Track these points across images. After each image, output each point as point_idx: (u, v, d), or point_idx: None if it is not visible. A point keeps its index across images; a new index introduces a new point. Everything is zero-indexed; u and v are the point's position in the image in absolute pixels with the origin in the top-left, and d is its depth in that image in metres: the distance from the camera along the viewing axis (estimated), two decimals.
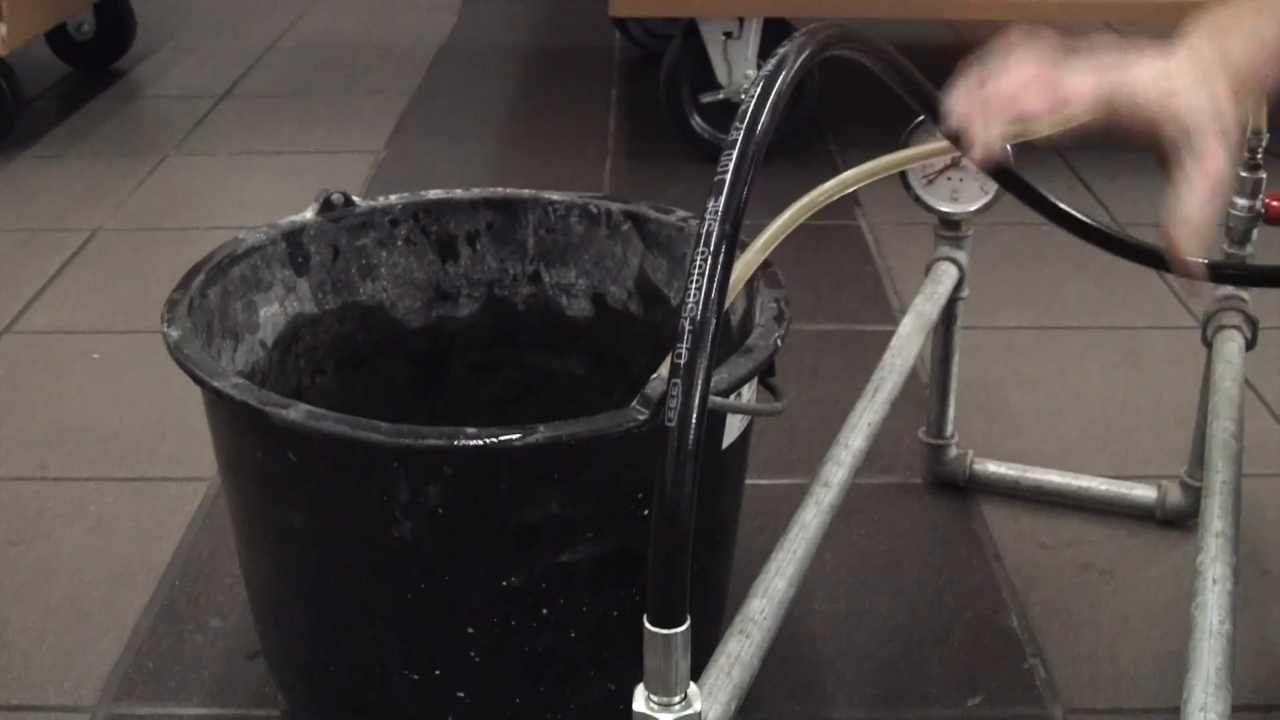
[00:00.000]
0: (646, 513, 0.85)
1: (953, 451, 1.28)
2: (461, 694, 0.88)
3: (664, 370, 0.81)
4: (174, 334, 0.90)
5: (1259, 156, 1.11)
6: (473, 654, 0.87)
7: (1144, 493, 1.24)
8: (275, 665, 1.00)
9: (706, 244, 0.61)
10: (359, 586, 0.87)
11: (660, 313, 1.09)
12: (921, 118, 1.13)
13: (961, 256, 1.19)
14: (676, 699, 0.62)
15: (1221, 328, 1.10)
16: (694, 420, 0.60)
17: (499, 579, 0.84)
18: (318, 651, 0.93)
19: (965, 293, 1.21)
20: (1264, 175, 1.12)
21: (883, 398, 0.97)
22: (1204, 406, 1.18)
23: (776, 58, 0.69)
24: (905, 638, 1.11)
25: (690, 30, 2.01)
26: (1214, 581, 0.79)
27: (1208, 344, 1.12)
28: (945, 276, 1.17)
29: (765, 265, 0.95)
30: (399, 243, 1.12)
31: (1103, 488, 1.25)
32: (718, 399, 0.81)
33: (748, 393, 0.88)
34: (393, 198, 1.12)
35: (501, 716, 0.89)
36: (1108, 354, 1.54)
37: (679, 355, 0.60)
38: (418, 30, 2.86)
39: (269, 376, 1.06)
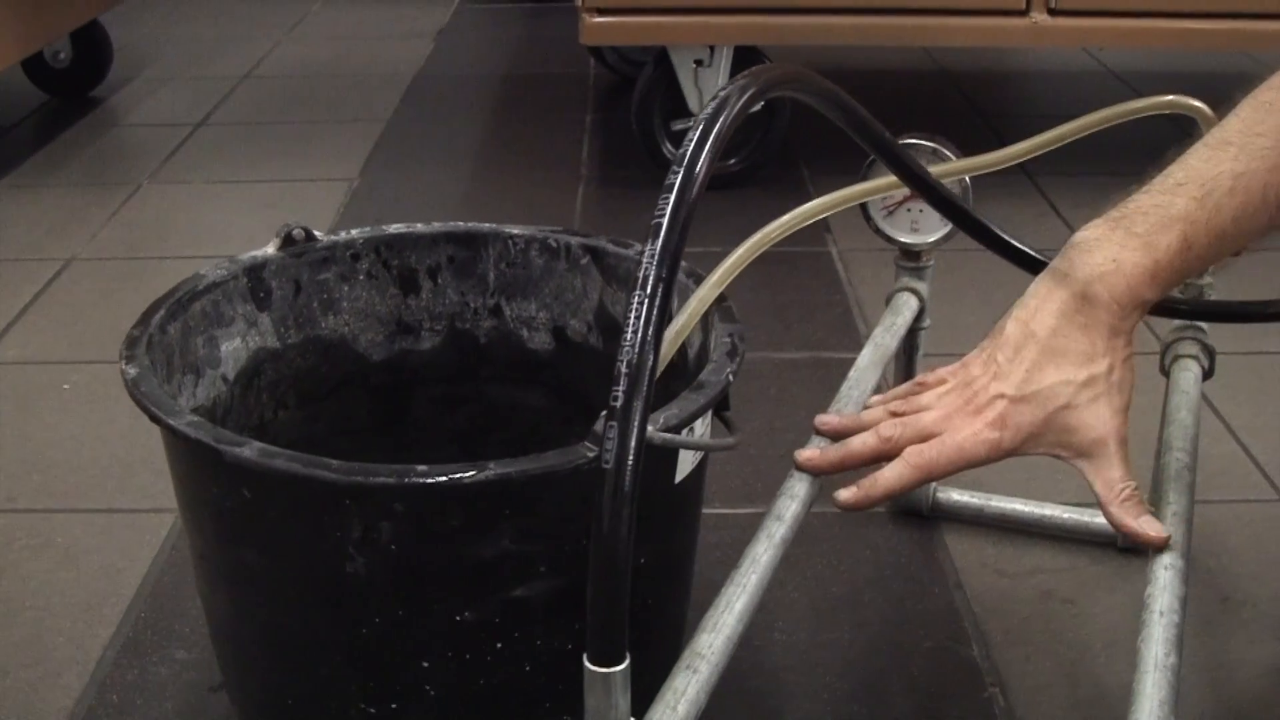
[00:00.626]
0: None
1: None
2: None
3: None
4: (132, 371, 0.91)
5: None
6: (428, 688, 0.87)
7: (1105, 521, 1.24)
8: (236, 699, 1.00)
9: (643, 287, 0.62)
10: (314, 622, 0.88)
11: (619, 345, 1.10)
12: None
13: (922, 287, 1.20)
14: None
15: (1179, 357, 1.11)
16: (630, 462, 0.61)
17: (453, 614, 0.84)
18: (276, 686, 0.94)
19: (927, 323, 1.22)
20: None
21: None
22: (1162, 436, 1.20)
23: (716, 100, 0.70)
24: (866, 668, 1.11)
25: (662, 58, 2.03)
26: (1160, 614, 0.80)
27: (1165, 373, 1.12)
28: (905, 307, 1.18)
29: (721, 299, 0.96)
30: (360, 277, 1.12)
31: (1065, 516, 1.26)
32: (667, 435, 0.82)
33: (701, 427, 0.89)
34: (354, 232, 1.13)
35: None
36: None
37: (615, 398, 0.61)
38: (393, 58, 2.88)
39: (231, 411, 1.07)
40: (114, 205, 2.09)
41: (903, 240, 1.18)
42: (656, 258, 0.62)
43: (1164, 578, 0.83)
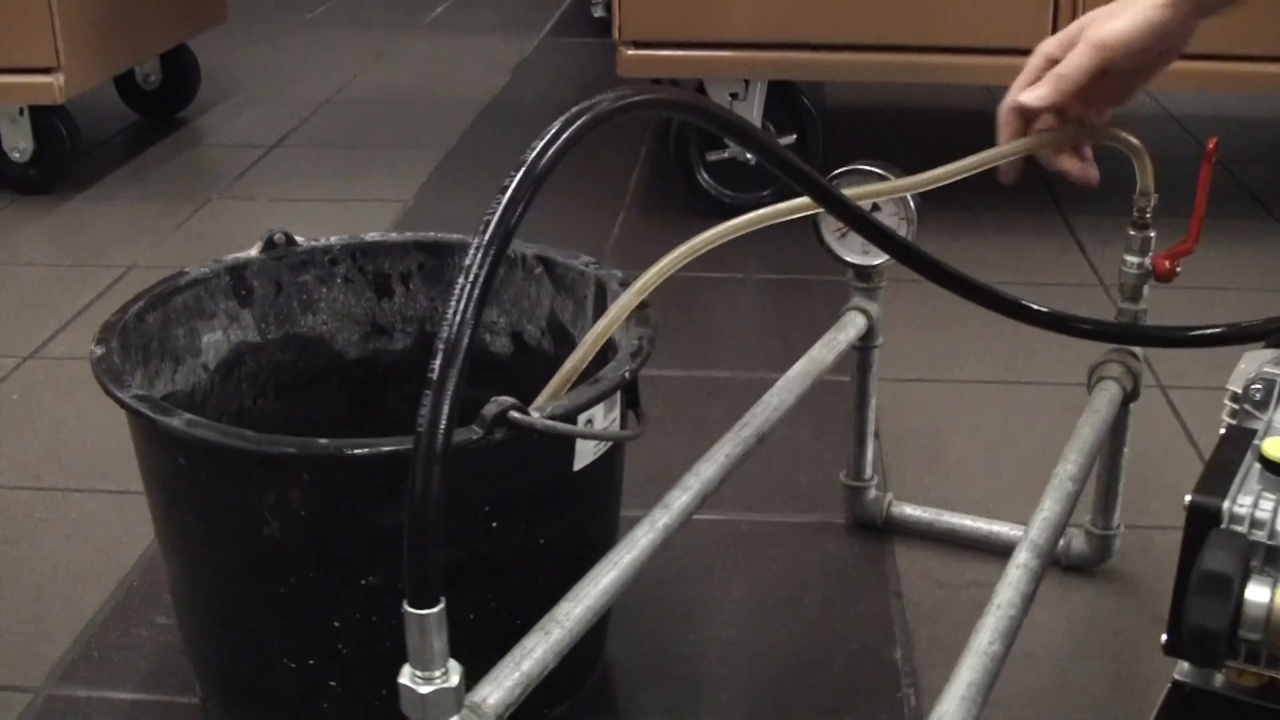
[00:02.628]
0: (495, 525, 0.94)
1: (871, 494, 1.35)
2: (333, 683, 0.97)
3: (503, 398, 0.90)
4: (98, 351, 1.01)
5: (1148, 216, 1.17)
6: (340, 646, 0.96)
7: (1077, 546, 1.29)
8: (190, 656, 1.09)
9: (466, 275, 0.70)
10: (242, 581, 0.97)
11: (568, 350, 1.17)
12: (844, 169, 1.21)
13: (872, 307, 1.26)
14: (436, 673, 0.71)
15: (1102, 378, 1.16)
16: (441, 427, 0.68)
17: (359, 577, 0.93)
18: (215, 642, 1.03)
19: (880, 341, 1.28)
20: (1153, 234, 1.17)
21: (749, 432, 1.04)
22: (1103, 457, 1.25)
23: (571, 114, 0.77)
24: (789, 664, 1.17)
25: (698, 91, 2.11)
26: (998, 607, 0.86)
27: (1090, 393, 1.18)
28: (850, 325, 1.24)
29: (643, 306, 1.03)
30: (338, 280, 1.22)
31: (1011, 533, 1.31)
32: (550, 422, 0.89)
33: (603, 420, 0.97)
34: (332, 239, 1.22)
35: (369, 705, 0.97)
36: (1056, 409, 1.60)
37: (431, 370, 0.69)
38: (470, 87, 2.99)
39: (210, 397, 1.16)
40: (180, 218, 2.22)
41: (853, 261, 1.24)
42: (482, 249, 0.70)
43: (1013, 575, 0.88)
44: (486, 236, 0.70)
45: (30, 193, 2.32)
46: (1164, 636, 0.80)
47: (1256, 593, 0.69)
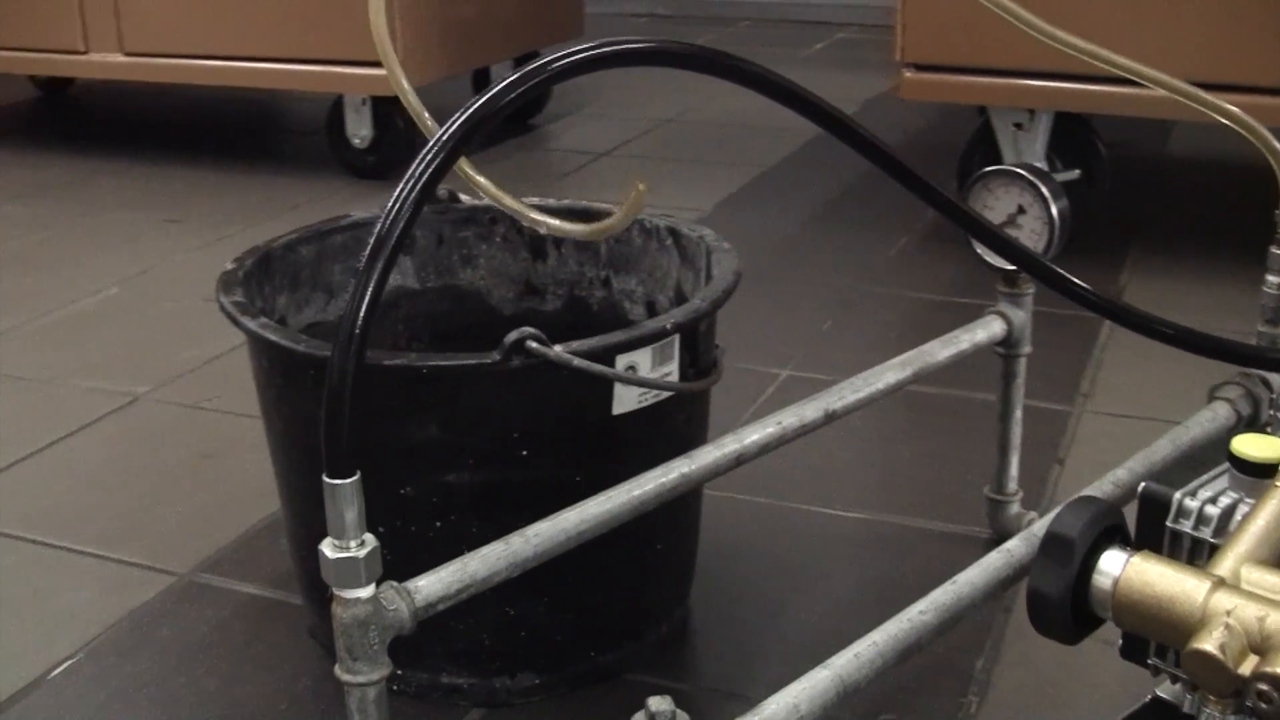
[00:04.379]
0: (525, 453, 1.00)
1: (1013, 509, 1.32)
2: None
3: (527, 328, 0.95)
4: (229, 265, 1.12)
5: None
6: (385, 553, 1.03)
7: None
8: (290, 556, 1.20)
9: (411, 174, 0.76)
10: (302, 486, 1.06)
11: None
12: (992, 168, 1.21)
13: (1016, 314, 1.24)
14: (351, 542, 0.77)
15: (1215, 399, 1.11)
16: (362, 311, 0.75)
17: (397, 487, 1.00)
18: (294, 543, 1.13)
19: (1025, 350, 1.26)
20: None
21: (812, 407, 1.05)
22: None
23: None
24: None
25: (984, 114, 2.09)
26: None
27: None
28: (981, 328, 1.22)
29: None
30: (496, 239, 1.30)
31: None
32: (574, 358, 0.94)
33: (650, 368, 1.01)
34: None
35: None
36: None
37: (359, 260, 0.76)
38: None
39: None
40: None
41: (992, 263, 1.23)
42: (431, 153, 0.76)
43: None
44: (435, 145, 0.76)
45: (367, 177, 2.53)
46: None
47: (1110, 561, 0.67)
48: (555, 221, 1.07)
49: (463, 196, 1.30)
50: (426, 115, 1.00)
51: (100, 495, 1.42)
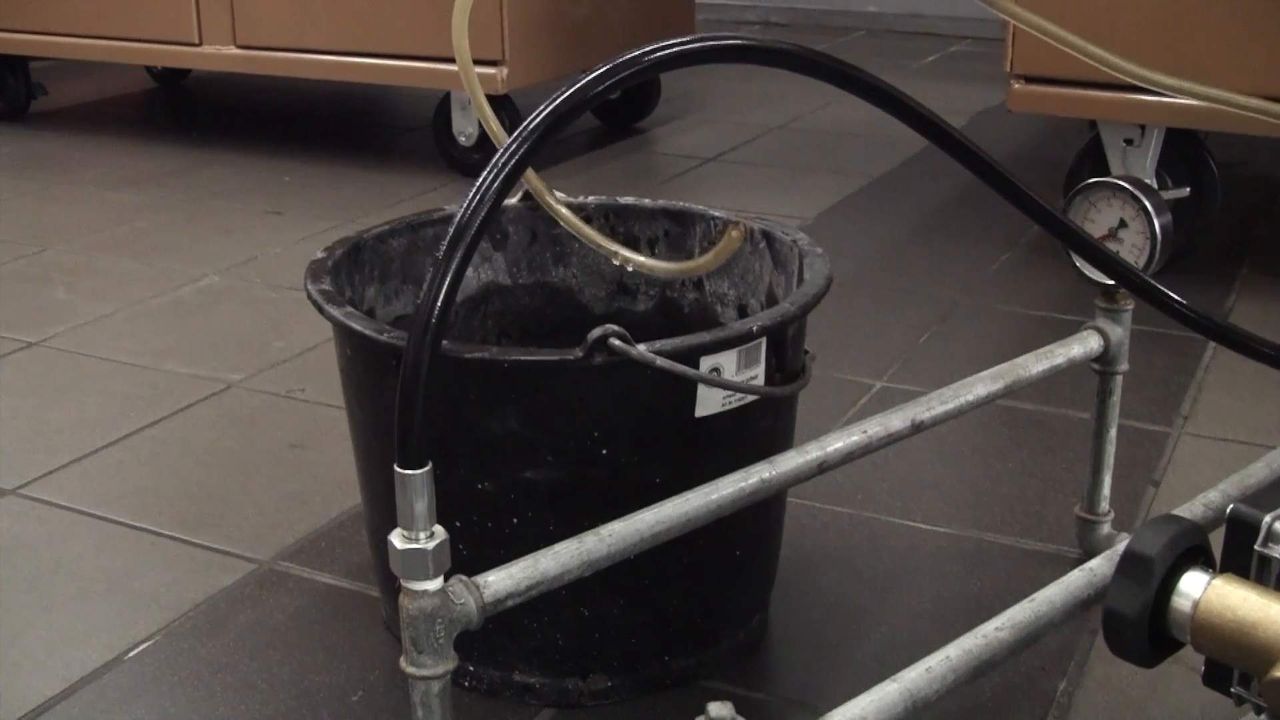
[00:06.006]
0: (605, 451, 0.99)
1: (1104, 529, 1.29)
2: None
3: (611, 325, 0.94)
4: (319, 254, 1.13)
5: None
6: (461, 547, 1.02)
7: None
8: (369, 547, 1.19)
9: (493, 168, 0.75)
10: (383, 477, 1.06)
11: None
12: (1096, 179, 1.19)
13: (1113, 330, 1.21)
14: (420, 534, 0.76)
15: None
16: (438, 303, 0.74)
17: (475, 481, 1.00)
18: (376, 532, 1.12)
19: (1124, 367, 1.23)
20: None
21: (899, 418, 1.03)
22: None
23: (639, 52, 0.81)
24: None
25: (1095, 128, 2.05)
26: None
27: None
28: (1078, 343, 1.19)
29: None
30: None
31: None
32: (656, 357, 0.93)
33: (736, 371, 0.99)
34: (590, 198, 1.30)
35: None
36: None
37: (438, 251, 0.75)
38: None
39: (453, 328, 1.27)
40: None
41: (1091, 276, 1.20)
42: (515, 143, 0.76)
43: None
44: (521, 135, 0.76)
45: (472, 175, 2.53)
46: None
47: (1191, 583, 0.64)
48: (641, 259, 1.07)
49: (557, 193, 1.29)
50: (494, 120, 1.00)
51: (187, 481, 1.44)
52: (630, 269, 1.09)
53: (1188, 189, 2.01)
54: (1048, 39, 1.02)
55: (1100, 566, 0.88)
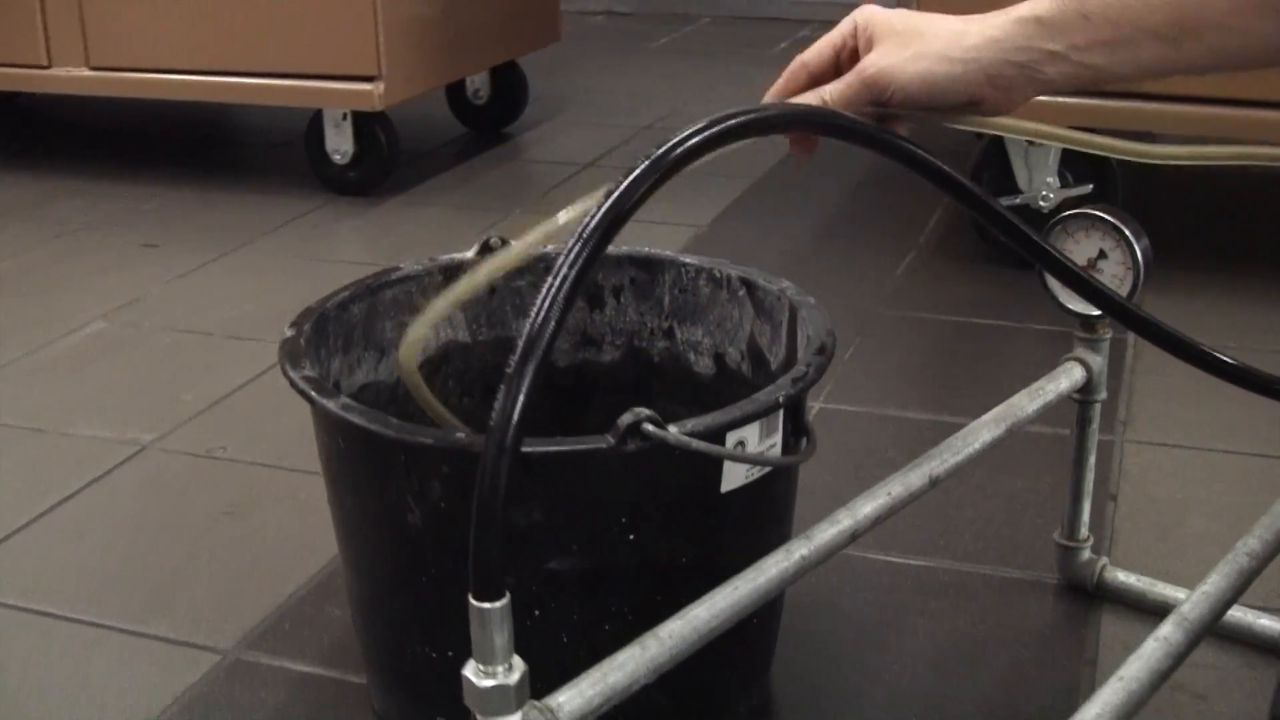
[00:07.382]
0: (633, 537, 0.94)
1: (1085, 555, 1.28)
2: None
3: (641, 409, 0.90)
4: (289, 333, 1.06)
5: None
6: None
7: (1270, 624, 1.20)
8: (356, 633, 1.13)
9: (556, 275, 0.70)
10: (389, 567, 1.00)
11: (763, 376, 1.16)
12: (1065, 214, 1.17)
13: (1094, 360, 1.20)
14: (498, 668, 0.71)
15: None
16: (513, 420, 0.69)
17: None
18: (368, 623, 1.06)
19: (1101, 395, 1.22)
20: None
21: (917, 474, 1.01)
22: None
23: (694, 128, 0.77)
24: (953, 714, 1.13)
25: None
26: (1119, 679, 0.80)
27: None
28: (1064, 375, 1.18)
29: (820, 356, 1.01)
30: None
31: (1230, 614, 1.22)
32: (682, 437, 0.89)
33: (758, 443, 0.95)
34: (549, 247, 1.24)
35: None
36: None
37: (509, 365, 0.70)
38: None
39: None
40: (484, 226, 2.31)
41: (1072, 308, 1.19)
42: (575, 249, 0.71)
43: (1148, 648, 0.83)
44: (589, 228, 0.71)
45: (348, 194, 2.46)
46: None
47: None
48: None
49: (512, 243, 1.23)
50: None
51: (122, 561, 1.35)
52: None
53: (1090, 185, 2.03)
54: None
55: (1172, 634, 0.86)
